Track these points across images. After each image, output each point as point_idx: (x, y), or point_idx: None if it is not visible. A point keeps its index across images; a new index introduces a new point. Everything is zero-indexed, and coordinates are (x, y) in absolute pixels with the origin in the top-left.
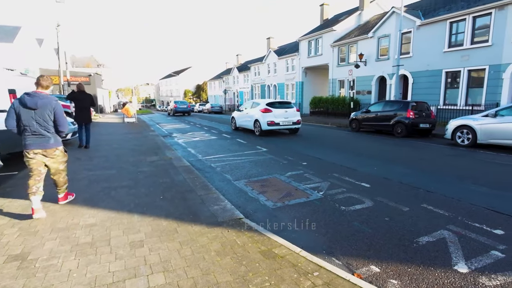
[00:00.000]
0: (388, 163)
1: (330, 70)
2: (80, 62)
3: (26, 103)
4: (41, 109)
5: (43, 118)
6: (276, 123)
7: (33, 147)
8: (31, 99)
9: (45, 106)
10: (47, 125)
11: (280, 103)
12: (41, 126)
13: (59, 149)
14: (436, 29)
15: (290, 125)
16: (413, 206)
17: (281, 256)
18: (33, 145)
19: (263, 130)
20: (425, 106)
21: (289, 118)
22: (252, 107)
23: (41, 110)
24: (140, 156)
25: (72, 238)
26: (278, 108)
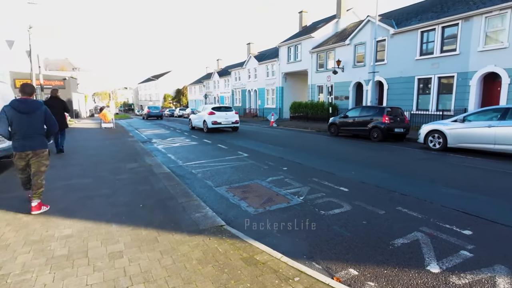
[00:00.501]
0: (365, 167)
1: (309, 75)
2: (54, 65)
3: (20, 108)
4: (34, 113)
5: (35, 121)
6: (219, 122)
7: (25, 149)
8: (24, 105)
9: (37, 111)
10: (38, 128)
11: (222, 108)
12: (33, 129)
13: (46, 151)
14: (408, 37)
15: (230, 124)
16: (389, 209)
17: (262, 263)
18: (25, 147)
19: (209, 128)
20: (400, 111)
21: (229, 119)
22: (203, 111)
23: (33, 114)
24: (119, 163)
25: (47, 251)
26: (220, 111)
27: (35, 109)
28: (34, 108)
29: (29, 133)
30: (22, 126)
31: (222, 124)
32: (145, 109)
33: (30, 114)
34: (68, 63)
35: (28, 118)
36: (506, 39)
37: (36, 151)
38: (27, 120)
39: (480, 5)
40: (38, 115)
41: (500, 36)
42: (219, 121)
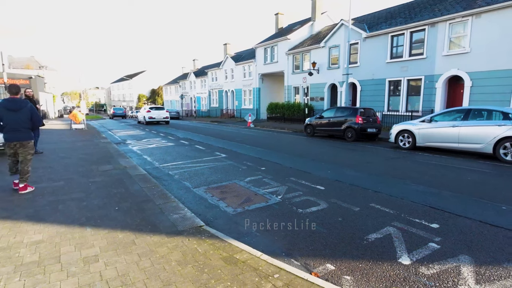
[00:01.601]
0: (340, 167)
1: (286, 77)
2: (19, 63)
3: (8, 106)
4: (21, 111)
5: (22, 117)
6: (153, 117)
7: (13, 140)
8: (12, 103)
9: (24, 108)
10: (25, 123)
11: (156, 108)
12: (20, 124)
13: (31, 142)
14: (379, 41)
15: (162, 119)
16: (363, 206)
17: (242, 261)
18: (13, 138)
19: (147, 121)
20: (372, 112)
21: (161, 116)
22: (143, 110)
23: (20, 111)
24: (91, 166)
25: (15, 258)
26: (155, 110)
27: (22, 107)
28: (21, 106)
29: (16, 127)
30: (10, 121)
31: (156, 119)
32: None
33: (17, 111)
34: (34, 61)
35: (16, 114)
36: (468, 44)
37: (22, 142)
38: (15, 116)
39: (444, 12)
40: (24, 112)
41: (463, 41)
42: (153, 116)
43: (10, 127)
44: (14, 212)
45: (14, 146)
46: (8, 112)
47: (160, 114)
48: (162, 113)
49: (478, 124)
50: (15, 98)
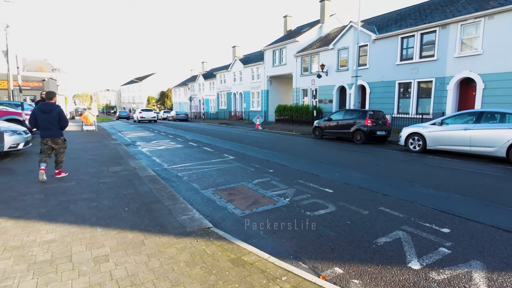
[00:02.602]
0: (349, 169)
1: (294, 79)
2: (32, 66)
3: (42, 109)
4: (51, 113)
5: (52, 118)
6: (144, 117)
7: (45, 137)
8: (45, 107)
9: (54, 111)
10: (54, 123)
11: (146, 110)
12: (51, 124)
13: (61, 138)
14: (389, 43)
15: (150, 118)
16: (372, 209)
17: (250, 263)
18: (45, 135)
19: (139, 120)
20: (381, 115)
21: (149, 116)
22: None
23: (51, 113)
24: (102, 167)
25: (28, 257)
26: (145, 112)
27: (52, 109)
28: (52, 108)
29: (47, 126)
30: (43, 121)
31: (146, 118)
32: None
33: (48, 113)
34: (47, 64)
35: (47, 115)
36: (480, 46)
37: (53, 138)
38: (47, 117)
39: (456, 13)
40: (54, 114)
41: (475, 43)
42: (144, 116)
43: (43, 126)
44: (27, 212)
45: (47, 142)
46: (42, 114)
47: (149, 114)
48: (150, 114)
49: (491, 127)
50: (48, 102)
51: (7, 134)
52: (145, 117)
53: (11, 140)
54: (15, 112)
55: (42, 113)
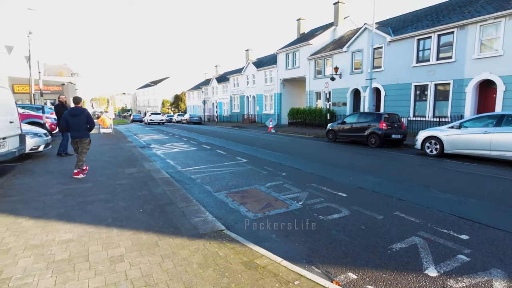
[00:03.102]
0: (363, 173)
1: (307, 82)
2: (52, 71)
3: (72, 113)
4: (80, 116)
5: (81, 121)
6: (153, 120)
7: (75, 137)
8: (75, 110)
9: (82, 114)
10: (83, 125)
11: (155, 113)
12: (79, 126)
13: (88, 139)
14: (405, 45)
15: (158, 120)
16: (387, 214)
17: (262, 267)
18: (75, 136)
19: (148, 122)
20: (397, 118)
21: (157, 119)
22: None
23: (80, 116)
24: (117, 169)
25: (47, 255)
26: (154, 115)
27: (81, 113)
28: (80, 112)
29: (77, 128)
30: (73, 123)
31: (154, 121)
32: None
33: (77, 116)
34: (66, 68)
35: (76, 118)
36: (501, 47)
37: (81, 139)
38: (76, 120)
39: (475, 14)
40: (82, 117)
41: (495, 44)
42: (153, 119)
43: (73, 128)
44: (46, 212)
45: (76, 142)
46: (72, 117)
47: (157, 117)
48: (158, 117)
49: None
50: (77, 106)
51: (29, 136)
52: (154, 119)
53: (32, 142)
54: (36, 115)
55: (72, 117)
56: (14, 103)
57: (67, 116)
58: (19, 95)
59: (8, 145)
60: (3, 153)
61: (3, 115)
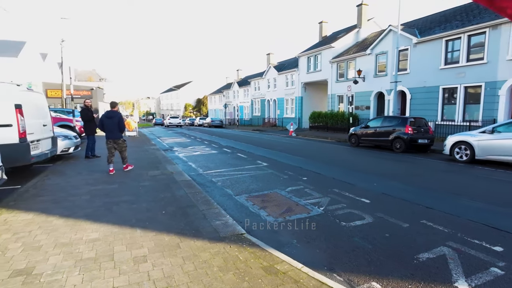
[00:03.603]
0: (387, 179)
1: (329, 85)
2: (82, 76)
3: (107, 115)
4: (114, 118)
5: (114, 123)
6: (171, 123)
7: (109, 138)
8: (110, 113)
9: (115, 117)
10: (116, 127)
11: (173, 117)
12: (113, 127)
13: (121, 139)
14: (432, 46)
15: (176, 123)
16: (413, 222)
17: (283, 272)
18: (109, 137)
19: (168, 125)
20: (423, 122)
21: (176, 122)
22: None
23: (113, 119)
24: (141, 170)
25: (75, 253)
26: (172, 118)
27: (114, 116)
28: (114, 115)
29: (111, 129)
30: (108, 125)
31: (173, 123)
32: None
33: (111, 118)
34: (95, 74)
35: (111, 121)
36: None
37: (114, 139)
38: (110, 122)
39: None
40: (115, 119)
41: None
42: (172, 122)
43: (107, 129)
44: (74, 212)
45: (110, 142)
46: (107, 120)
47: (175, 120)
48: (176, 120)
49: None
50: (112, 110)
51: (60, 139)
52: (172, 122)
53: (63, 144)
54: (67, 118)
55: (107, 119)
56: (47, 107)
57: (103, 119)
58: (51, 100)
59: (41, 147)
60: (36, 155)
61: (37, 118)
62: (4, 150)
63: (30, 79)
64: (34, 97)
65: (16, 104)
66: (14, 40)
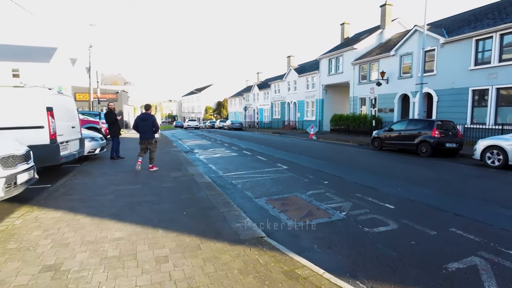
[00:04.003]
0: (413, 184)
1: (351, 88)
2: (108, 80)
3: (142, 117)
4: (148, 120)
5: (148, 125)
6: (189, 125)
7: (143, 138)
8: (144, 115)
9: (150, 119)
10: (150, 128)
11: (191, 120)
12: (147, 129)
13: (153, 140)
14: (461, 47)
15: (194, 126)
16: (441, 230)
17: (304, 277)
18: (143, 137)
19: (186, 127)
20: (451, 125)
21: (194, 124)
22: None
23: (148, 121)
24: (163, 172)
25: (100, 251)
26: (190, 121)
27: (148, 118)
28: (148, 117)
29: (145, 131)
30: (142, 127)
31: (191, 126)
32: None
33: (146, 120)
34: (120, 78)
35: (145, 122)
36: None
37: (148, 140)
38: (145, 124)
39: None
40: (149, 121)
41: None
42: (190, 124)
43: (142, 130)
44: (100, 211)
45: (144, 142)
46: (142, 121)
47: (193, 123)
48: (194, 122)
49: None
50: (146, 112)
51: (87, 140)
52: (190, 125)
53: (90, 145)
54: (94, 121)
55: (142, 121)
56: (76, 110)
57: (138, 121)
58: (79, 103)
59: (70, 148)
60: (65, 155)
61: (66, 121)
62: (36, 151)
63: (61, 83)
64: (64, 100)
65: (48, 107)
66: (46, 47)
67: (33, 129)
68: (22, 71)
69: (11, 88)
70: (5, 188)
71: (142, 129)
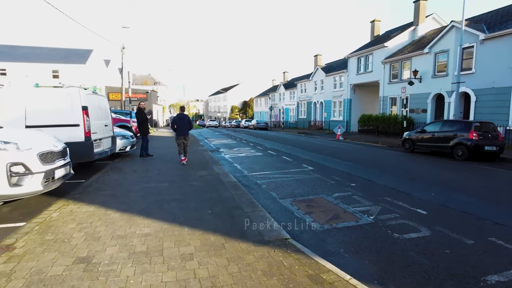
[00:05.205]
0: (447, 189)
1: (381, 87)
2: (139, 80)
3: (179, 117)
4: (184, 120)
5: (184, 123)
6: (211, 124)
7: (180, 135)
8: (181, 115)
9: (185, 119)
10: (186, 126)
11: (212, 120)
12: (184, 126)
13: (188, 136)
14: (503, 43)
15: (214, 124)
16: (479, 239)
17: (329, 282)
18: (180, 134)
19: (207, 126)
20: (491, 127)
21: (214, 124)
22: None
23: (184, 120)
24: (190, 171)
25: (129, 246)
26: (211, 121)
27: (185, 118)
28: (184, 117)
29: (182, 128)
30: (180, 125)
31: (211, 125)
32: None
33: (183, 119)
34: (150, 78)
35: (182, 121)
36: None
37: (184, 136)
38: (182, 122)
39: None
40: (186, 120)
41: None
42: (211, 124)
43: (179, 128)
44: (130, 206)
45: (181, 138)
46: (179, 121)
47: (213, 123)
48: (214, 122)
49: None
50: (182, 113)
51: (118, 138)
52: (211, 124)
53: (121, 143)
54: (125, 119)
55: (179, 120)
56: (109, 109)
57: (176, 119)
58: (112, 102)
59: (102, 145)
60: (98, 152)
61: (100, 119)
62: (72, 148)
63: (95, 83)
64: (98, 99)
65: (83, 106)
66: (83, 49)
67: (70, 127)
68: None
69: (51, 88)
70: (44, 182)
71: (180, 127)
